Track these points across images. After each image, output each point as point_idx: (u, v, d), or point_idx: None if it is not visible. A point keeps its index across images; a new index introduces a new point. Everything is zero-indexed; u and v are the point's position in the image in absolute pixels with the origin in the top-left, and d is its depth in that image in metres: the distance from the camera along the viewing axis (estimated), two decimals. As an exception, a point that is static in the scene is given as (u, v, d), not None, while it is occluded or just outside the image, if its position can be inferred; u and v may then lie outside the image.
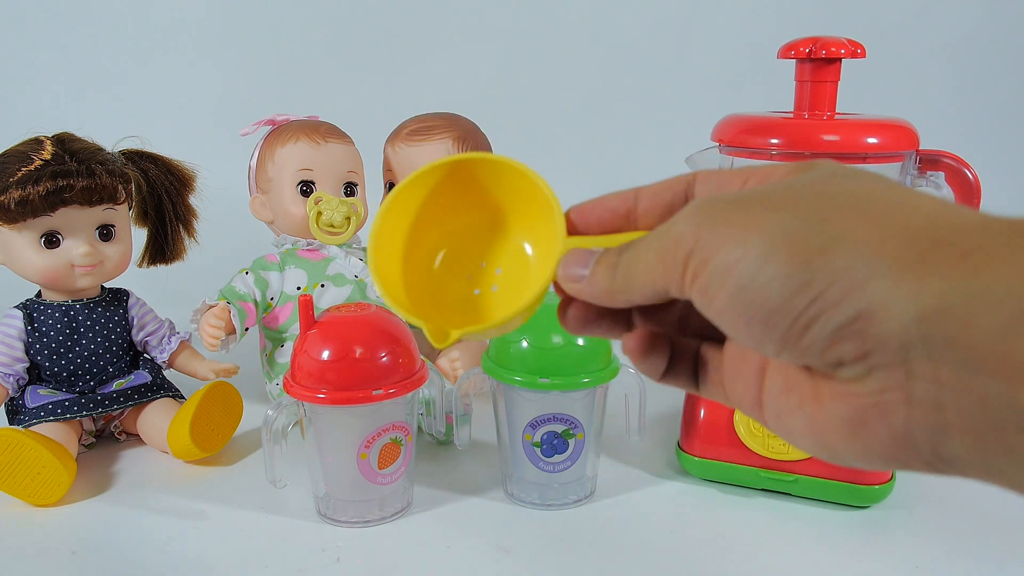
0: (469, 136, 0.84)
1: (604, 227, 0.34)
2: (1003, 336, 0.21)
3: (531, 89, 1.39)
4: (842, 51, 0.60)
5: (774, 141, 0.60)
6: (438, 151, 0.82)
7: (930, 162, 0.61)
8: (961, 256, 0.22)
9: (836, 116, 0.62)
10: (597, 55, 1.39)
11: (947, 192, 0.61)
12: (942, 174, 0.61)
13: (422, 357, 0.62)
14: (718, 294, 0.26)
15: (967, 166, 0.60)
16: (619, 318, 0.34)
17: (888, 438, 0.24)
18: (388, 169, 0.85)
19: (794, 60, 0.63)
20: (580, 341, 0.59)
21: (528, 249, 0.37)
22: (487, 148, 0.86)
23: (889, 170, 0.62)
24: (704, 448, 0.64)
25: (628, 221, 0.34)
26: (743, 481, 0.64)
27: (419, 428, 0.70)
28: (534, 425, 0.60)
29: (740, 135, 0.62)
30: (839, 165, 0.28)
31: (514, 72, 1.40)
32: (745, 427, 0.63)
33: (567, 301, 0.34)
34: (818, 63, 0.61)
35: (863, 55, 0.60)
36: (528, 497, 0.63)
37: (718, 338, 0.33)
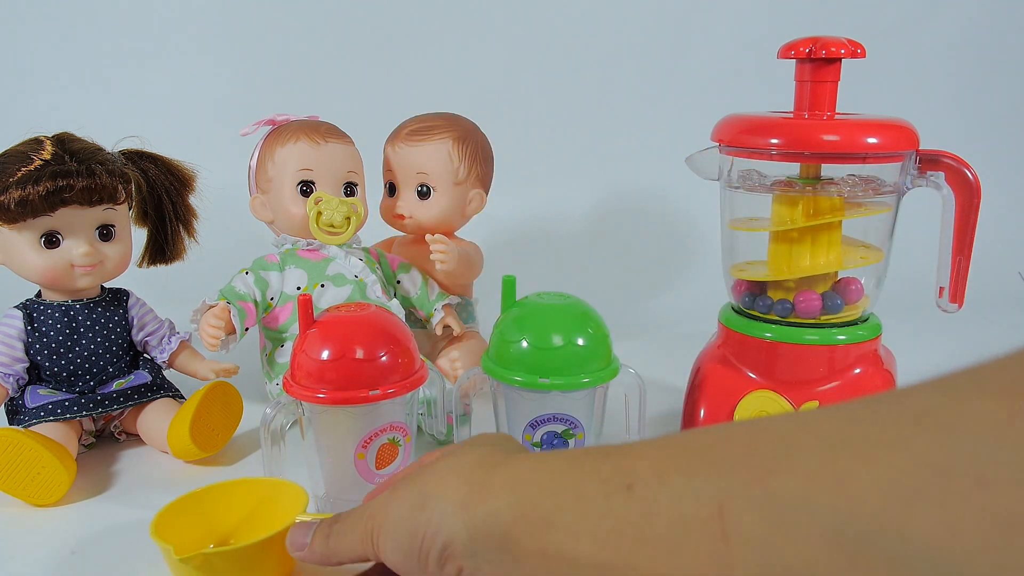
0: (469, 136, 0.84)
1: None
2: (505, 534, 0.33)
3: (531, 89, 1.39)
4: (842, 51, 0.60)
5: (774, 141, 0.60)
6: (438, 151, 0.82)
7: (930, 162, 0.61)
8: (483, 491, 0.35)
9: (836, 116, 0.62)
10: (597, 55, 1.39)
11: (947, 192, 0.61)
12: (942, 174, 0.61)
13: (422, 357, 0.62)
14: (385, 548, 0.39)
15: (967, 166, 0.60)
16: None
17: None
18: (388, 169, 0.85)
19: (794, 60, 0.62)
20: (580, 341, 0.59)
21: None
22: (487, 148, 0.86)
23: (889, 170, 0.62)
24: None
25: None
26: None
27: (419, 428, 0.70)
28: (534, 425, 0.60)
29: (740, 135, 0.62)
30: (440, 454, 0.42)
31: (514, 72, 1.40)
32: None
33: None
34: (818, 63, 0.61)
35: (863, 55, 0.60)
36: None
37: None
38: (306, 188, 0.79)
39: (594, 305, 0.62)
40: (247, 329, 0.75)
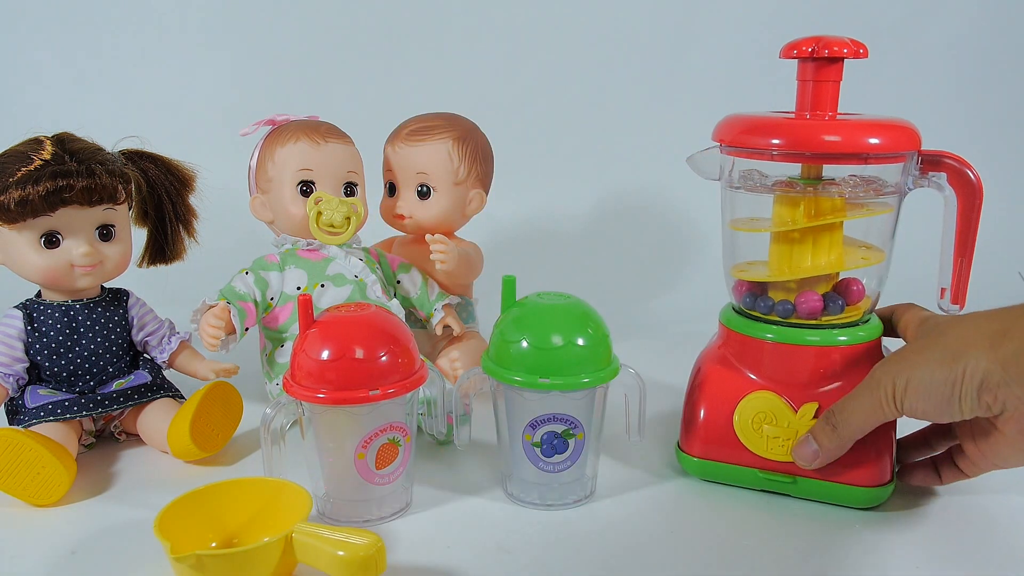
0: (469, 136, 0.84)
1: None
2: None
3: (531, 89, 1.39)
4: (844, 51, 0.60)
5: (775, 141, 0.59)
6: (438, 151, 0.82)
7: (932, 163, 0.61)
8: (1005, 334, 0.49)
9: (838, 116, 0.62)
10: (598, 55, 1.38)
11: (949, 193, 0.61)
12: (944, 175, 0.61)
13: (422, 357, 0.62)
14: (915, 401, 0.52)
15: (969, 167, 0.60)
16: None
17: None
18: (388, 169, 0.85)
19: (796, 60, 0.62)
20: (580, 341, 0.59)
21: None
22: (487, 148, 0.86)
23: (891, 170, 0.62)
24: (704, 449, 0.64)
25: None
26: (742, 482, 0.64)
27: (419, 428, 0.70)
28: (534, 425, 0.60)
29: (741, 135, 0.62)
30: (939, 319, 0.58)
31: (514, 72, 1.40)
32: (744, 428, 0.62)
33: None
34: (820, 63, 0.61)
35: (865, 55, 0.60)
36: (528, 497, 0.63)
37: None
38: (306, 188, 0.79)
39: (594, 305, 0.62)
40: (247, 329, 0.75)
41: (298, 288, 0.77)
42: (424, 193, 0.83)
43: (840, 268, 0.63)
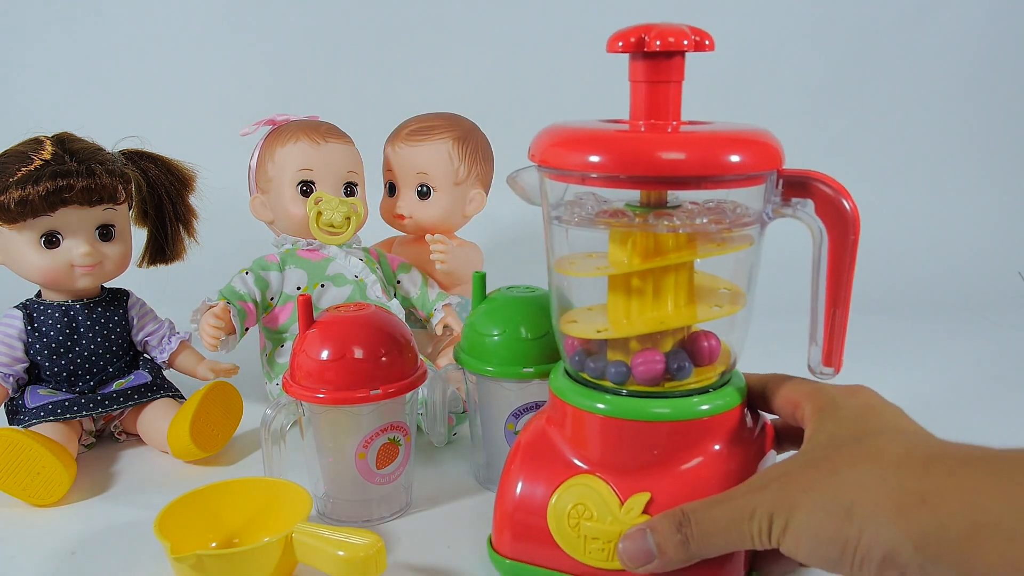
0: (469, 136, 0.84)
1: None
2: (959, 547, 0.35)
3: (531, 89, 1.39)
4: (684, 42, 0.46)
5: (594, 160, 0.44)
6: (438, 151, 0.82)
7: (796, 186, 0.47)
8: (923, 502, 0.36)
9: (681, 126, 0.48)
10: (598, 54, 1.38)
11: (817, 225, 0.47)
12: (811, 202, 0.47)
13: (421, 358, 0.62)
14: (798, 547, 0.39)
15: (844, 194, 0.46)
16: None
17: None
18: (388, 169, 0.85)
19: (627, 55, 0.48)
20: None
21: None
22: (487, 148, 0.86)
23: (751, 195, 0.48)
24: (513, 548, 0.51)
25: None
26: None
27: (419, 428, 0.70)
28: (516, 415, 0.61)
29: (552, 151, 0.47)
30: (852, 425, 0.43)
31: (514, 72, 1.40)
32: (559, 524, 0.48)
33: None
34: (655, 58, 0.46)
35: (711, 47, 0.47)
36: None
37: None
38: (306, 188, 0.79)
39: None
40: (247, 329, 0.75)
41: (298, 288, 0.77)
42: (424, 193, 0.83)
43: (690, 321, 0.49)
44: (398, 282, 0.84)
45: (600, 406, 0.48)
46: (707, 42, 0.47)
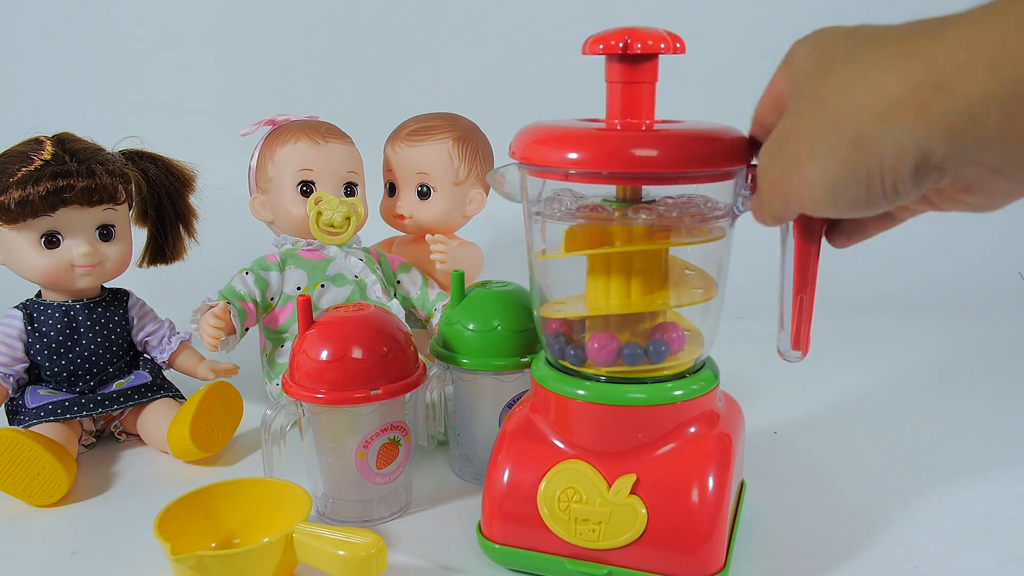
0: (469, 136, 0.84)
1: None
2: (997, 117, 0.31)
3: (531, 89, 1.39)
4: (661, 45, 0.49)
5: (572, 156, 0.46)
6: (438, 151, 0.82)
7: None
8: (938, 89, 0.31)
9: (655, 124, 0.50)
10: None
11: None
12: None
13: (421, 358, 0.62)
14: (825, 210, 0.37)
15: None
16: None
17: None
18: (388, 169, 0.85)
19: (604, 57, 0.51)
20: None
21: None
22: (487, 148, 0.86)
23: (721, 189, 0.50)
24: (505, 533, 0.53)
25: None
26: (549, 572, 0.52)
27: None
28: (511, 405, 0.62)
29: (534, 149, 0.49)
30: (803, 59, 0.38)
31: (514, 72, 1.40)
32: (550, 508, 0.51)
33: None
34: (632, 61, 0.49)
35: (682, 50, 0.50)
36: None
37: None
38: (306, 188, 0.79)
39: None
40: (247, 329, 0.75)
41: (298, 288, 0.77)
42: (424, 193, 0.83)
43: (664, 305, 0.52)
44: (398, 282, 0.84)
45: (580, 392, 0.51)
46: (678, 44, 0.49)
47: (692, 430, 0.51)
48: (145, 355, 0.77)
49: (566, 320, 0.54)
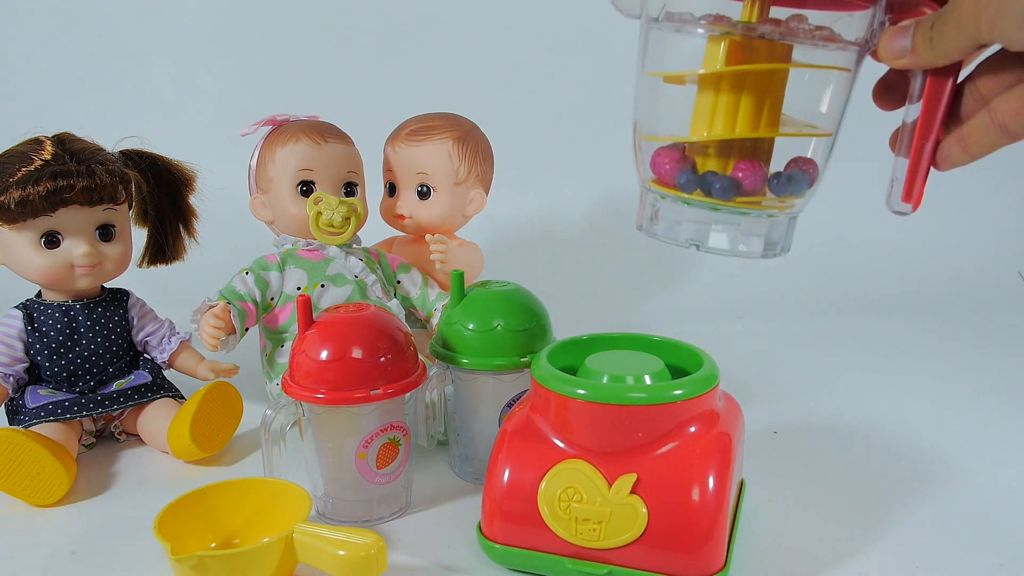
0: (469, 136, 0.84)
1: None
2: None
3: (531, 89, 1.39)
4: None
5: None
6: (438, 151, 0.82)
7: (906, 11, 0.46)
8: None
9: None
10: (598, 54, 1.38)
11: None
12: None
13: (421, 358, 0.62)
14: (1009, 30, 0.39)
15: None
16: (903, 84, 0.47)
17: None
18: (388, 169, 0.85)
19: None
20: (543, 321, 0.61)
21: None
22: (487, 148, 0.86)
23: (849, 24, 0.47)
24: (506, 533, 0.53)
25: None
26: (550, 571, 0.52)
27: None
28: (511, 405, 0.62)
29: None
30: None
31: (514, 72, 1.40)
32: (551, 507, 0.51)
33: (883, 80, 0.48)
34: None
35: None
36: None
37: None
38: (306, 188, 0.79)
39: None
40: (247, 329, 0.75)
41: (298, 288, 0.77)
42: (424, 193, 0.83)
43: (776, 133, 0.48)
44: (398, 282, 0.84)
45: (580, 391, 0.51)
46: None
47: (692, 429, 0.51)
48: (145, 355, 0.77)
49: (682, 155, 0.49)
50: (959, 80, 0.45)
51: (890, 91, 0.48)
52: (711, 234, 0.50)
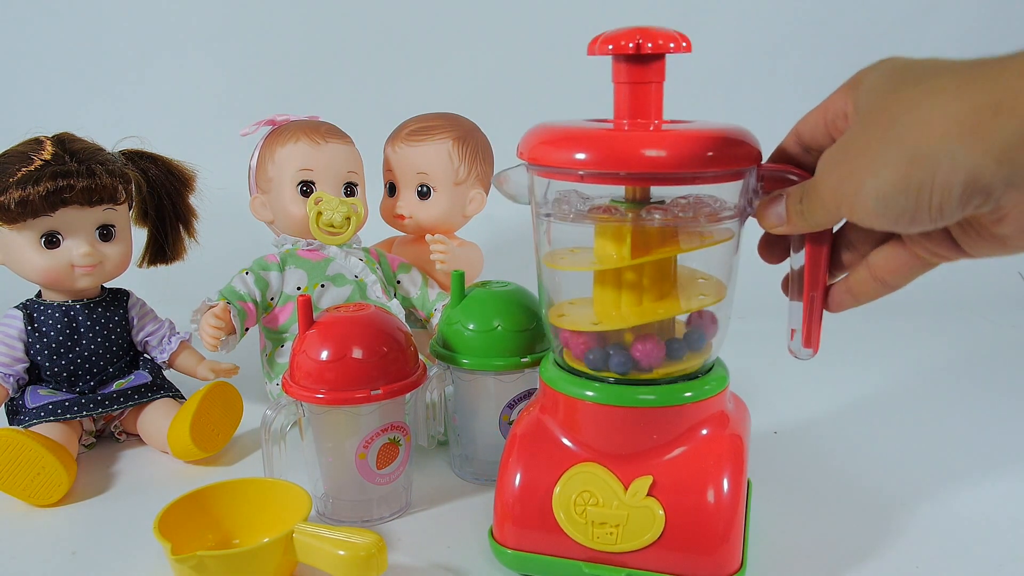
0: (469, 136, 0.84)
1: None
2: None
3: (531, 89, 1.39)
4: (671, 44, 0.48)
5: (580, 157, 0.46)
6: (438, 151, 0.82)
7: (775, 180, 0.48)
8: (997, 112, 0.33)
9: (664, 124, 0.50)
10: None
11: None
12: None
13: (421, 358, 0.62)
14: (865, 214, 0.39)
15: None
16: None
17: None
18: (388, 169, 0.85)
19: (611, 57, 0.51)
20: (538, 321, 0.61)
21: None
22: (487, 148, 0.86)
23: (729, 190, 0.49)
24: (518, 538, 0.52)
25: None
26: None
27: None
28: (511, 405, 0.63)
29: (542, 149, 0.48)
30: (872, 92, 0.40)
31: (514, 72, 1.40)
32: (566, 511, 0.50)
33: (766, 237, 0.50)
34: (639, 61, 0.49)
35: (688, 48, 0.49)
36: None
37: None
38: (306, 188, 0.79)
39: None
40: (247, 329, 0.75)
41: (298, 288, 0.77)
42: (424, 193, 0.83)
43: (675, 312, 0.51)
44: (398, 282, 0.84)
45: (589, 393, 0.50)
46: (685, 43, 0.49)
47: (704, 431, 0.51)
48: (145, 355, 0.77)
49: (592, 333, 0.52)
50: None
51: (772, 246, 0.51)
52: None
